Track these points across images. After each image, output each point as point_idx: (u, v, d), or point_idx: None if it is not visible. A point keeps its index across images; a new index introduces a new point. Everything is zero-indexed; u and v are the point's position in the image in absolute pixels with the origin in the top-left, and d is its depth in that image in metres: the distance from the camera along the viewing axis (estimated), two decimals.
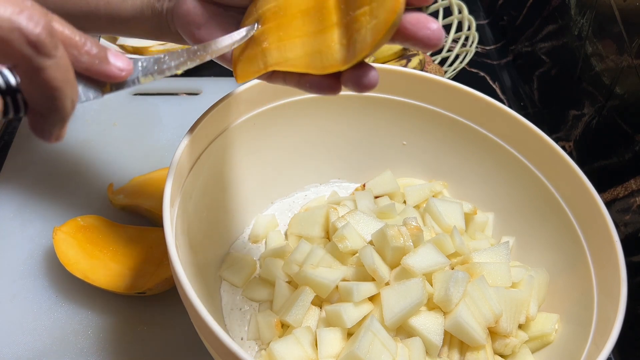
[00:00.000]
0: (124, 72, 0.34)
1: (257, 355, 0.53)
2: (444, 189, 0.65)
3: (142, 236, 0.62)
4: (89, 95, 0.34)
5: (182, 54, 0.37)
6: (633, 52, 0.61)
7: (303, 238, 0.57)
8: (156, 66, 0.36)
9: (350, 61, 0.36)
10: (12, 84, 0.29)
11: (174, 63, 0.37)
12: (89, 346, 0.56)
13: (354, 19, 0.36)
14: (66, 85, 0.29)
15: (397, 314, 0.48)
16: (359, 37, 0.35)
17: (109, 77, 0.33)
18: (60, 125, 0.31)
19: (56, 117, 0.30)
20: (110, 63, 0.33)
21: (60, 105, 0.30)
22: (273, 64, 0.41)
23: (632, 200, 0.61)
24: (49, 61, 0.28)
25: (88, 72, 0.33)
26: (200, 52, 0.38)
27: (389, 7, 0.34)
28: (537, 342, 0.53)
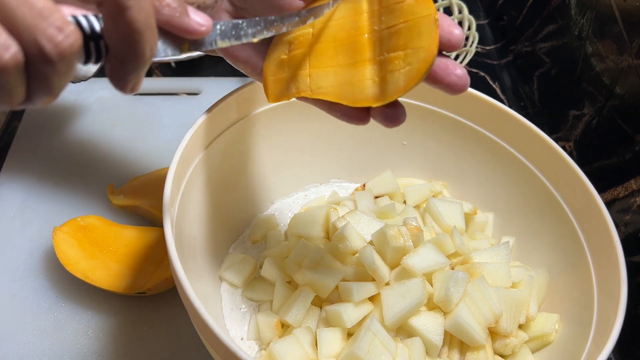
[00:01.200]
0: (203, 27, 0.34)
1: (257, 355, 0.53)
2: (444, 189, 0.65)
3: (142, 236, 0.62)
4: (168, 51, 0.34)
5: (259, 22, 0.37)
6: (633, 52, 0.61)
7: (303, 238, 0.57)
8: (234, 31, 0.36)
9: (382, 100, 0.38)
10: (96, 30, 0.29)
11: (250, 30, 0.37)
12: (89, 346, 0.56)
13: (387, 59, 0.38)
14: (147, 29, 0.29)
15: (397, 314, 0.48)
16: (392, 79, 0.38)
17: (188, 31, 0.33)
18: (137, 73, 0.31)
19: (134, 63, 0.30)
20: (191, 17, 0.33)
21: (139, 51, 0.29)
22: (306, 90, 0.42)
23: (632, 200, 0.61)
24: (132, 1, 0.28)
25: (169, 25, 0.33)
26: (276, 22, 0.38)
27: (423, 56, 0.36)
28: (537, 342, 0.53)
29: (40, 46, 0.25)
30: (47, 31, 0.25)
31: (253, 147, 0.59)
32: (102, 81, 0.63)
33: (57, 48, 0.25)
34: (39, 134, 0.75)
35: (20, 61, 0.25)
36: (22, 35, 0.25)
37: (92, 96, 0.80)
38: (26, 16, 0.24)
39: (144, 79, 0.32)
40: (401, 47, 0.37)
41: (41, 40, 0.25)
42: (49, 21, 0.25)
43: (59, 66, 0.26)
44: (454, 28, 0.37)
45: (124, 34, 0.28)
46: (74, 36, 0.26)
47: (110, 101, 0.80)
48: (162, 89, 0.83)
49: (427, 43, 0.36)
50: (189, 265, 0.48)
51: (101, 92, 0.81)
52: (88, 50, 0.29)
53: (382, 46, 0.39)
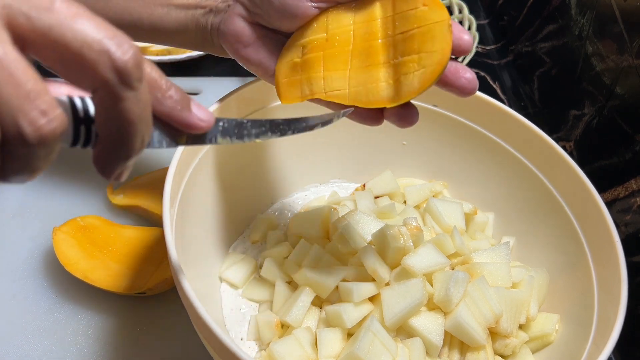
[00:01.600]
0: (204, 123, 0.33)
1: (257, 355, 0.53)
2: (444, 189, 0.65)
3: (142, 236, 0.62)
4: (163, 143, 0.32)
5: (265, 124, 0.36)
6: (633, 52, 0.61)
7: (303, 238, 0.56)
8: (237, 130, 0.35)
9: (396, 101, 0.40)
10: (90, 114, 0.28)
11: (254, 131, 0.35)
12: (89, 346, 0.56)
13: (401, 63, 0.39)
14: (141, 121, 0.28)
15: (397, 314, 0.48)
16: (406, 81, 0.39)
17: (188, 126, 0.32)
18: (124, 163, 0.29)
19: (123, 154, 0.28)
20: (192, 112, 0.32)
21: (130, 142, 0.28)
22: (319, 92, 0.43)
23: (633, 200, 0.61)
24: (129, 92, 0.26)
25: (168, 117, 0.32)
26: (283, 126, 0.37)
27: (436, 59, 0.38)
28: (537, 343, 0.53)
29: (20, 128, 0.24)
30: (29, 114, 0.24)
31: (253, 147, 0.59)
32: None
33: (37, 132, 0.24)
34: None
35: None
36: (3, 115, 0.23)
37: None
38: (11, 96, 0.23)
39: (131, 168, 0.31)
40: (415, 51, 0.39)
41: (22, 122, 0.23)
42: (35, 104, 0.24)
43: (39, 150, 0.25)
44: (464, 34, 0.39)
45: (116, 124, 0.27)
46: (58, 121, 0.24)
47: None
48: None
49: (440, 47, 0.38)
50: (189, 265, 0.48)
51: None
52: (77, 133, 0.28)
53: (395, 50, 0.40)
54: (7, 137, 0.24)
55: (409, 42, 0.39)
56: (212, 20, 0.45)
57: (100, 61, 0.25)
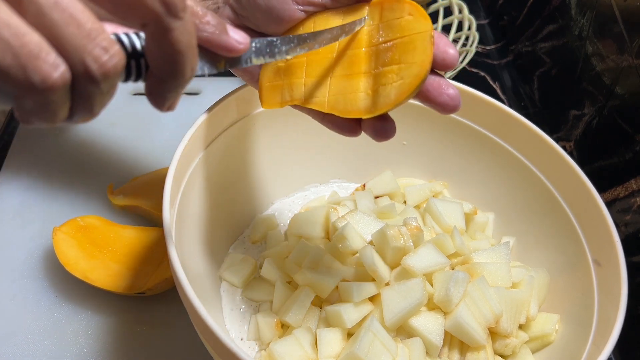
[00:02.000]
0: (242, 45, 0.34)
1: (257, 355, 0.53)
2: (444, 189, 0.65)
3: (142, 236, 0.62)
4: (204, 69, 0.34)
5: (293, 40, 0.37)
6: (633, 52, 0.61)
7: (303, 238, 0.56)
8: (268, 48, 0.36)
9: (371, 112, 0.39)
10: (137, 48, 0.29)
11: (284, 47, 0.37)
12: (89, 346, 0.56)
13: (381, 73, 0.39)
14: (189, 50, 0.29)
15: (398, 314, 0.48)
16: (384, 92, 0.38)
17: (227, 49, 0.34)
18: (176, 92, 0.31)
19: (175, 82, 0.30)
20: (230, 35, 0.34)
21: (180, 71, 0.29)
22: (299, 98, 0.42)
23: (633, 201, 0.61)
24: (177, 22, 0.28)
25: (208, 42, 0.33)
26: (309, 40, 0.38)
27: (415, 71, 0.37)
28: (537, 343, 0.53)
29: (87, 66, 0.25)
30: (93, 51, 0.25)
31: (253, 147, 0.59)
32: None
33: (102, 68, 0.26)
34: (39, 134, 0.75)
35: (68, 80, 0.25)
36: (70, 54, 0.25)
37: None
38: (75, 36, 0.25)
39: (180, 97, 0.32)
40: (395, 62, 0.38)
41: (87, 60, 0.25)
42: (96, 42, 0.25)
43: (103, 85, 0.26)
44: (449, 48, 0.38)
45: (167, 54, 0.28)
46: (118, 56, 0.26)
47: None
48: None
49: (420, 58, 0.37)
50: (189, 265, 0.48)
51: None
52: (129, 68, 0.29)
53: (377, 60, 0.39)
54: (76, 75, 0.25)
55: (390, 52, 0.38)
56: None
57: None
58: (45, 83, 0.24)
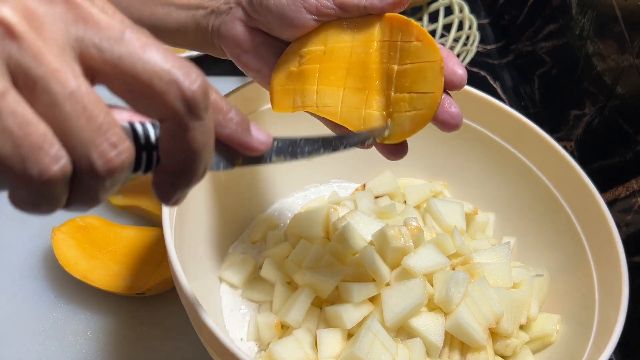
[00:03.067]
0: (263, 145, 0.33)
1: (257, 356, 0.53)
2: (445, 189, 0.65)
3: (142, 236, 0.62)
4: (220, 165, 0.32)
5: (317, 141, 0.36)
6: (634, 51, 0.61)
7: (303, 238, 0.56)
8: (290, 148, 0.35)
9: (387, 140, 0.40)
10: (152, 140, 0.27)
11: (307, 149, 0.36)
12: (88, 347, 0.56)
13: (394, 98, 0.39)
14: (205, 150, 0.27)
15: (398, 315, 0.48)
16: (399, 122, 0.39)
17: (248, 149, 0.32)
18: (185, 189, 0.29)
19: (184, 180, 0.28)
20: (253, 135, 0.32)
21: (193, 169, 0.28)
22: (311, 105, 0.43)
23: (634, 201, 0.61)
24: (197, 122, 0.26)
25: (229, 140, 0.31)
26: (335, 142, 0.37)
27: (427, 104, 0.38)
28: (538, 343, 0.53)
29: (92, 161, 0.24)
30: (101, 147, 0.24)
31: None
32: None
33: (107, 164, 0.24)
34: None
35: (68, 173, 0.24)
36: (75, 148, 0.23)
37: None
38: (84, 129, 0.23)
39: None
40: (407, 89, 0.39)
41: (93, 155, 0.24)
42: (106, 136, 0.24)
43: (107, 182, 0.25)
44: (458, 68, 0.38)
45: (181, 152, 0.27)
46: (127, 153, 0.24)
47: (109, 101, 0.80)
48: None
49: (431, 89, 0.38)
50: (189, 265, 0.48)
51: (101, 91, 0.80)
52: (139, 160, 0.27)
53: (389, 81, 0.40)
54: (78, 169, 0.24)
55: (402, 77, 0.39)
56: (212, 22, 0.45)
57: (169, 91, 0.25)
58: (43, 176, 0.23)
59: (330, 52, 0.42)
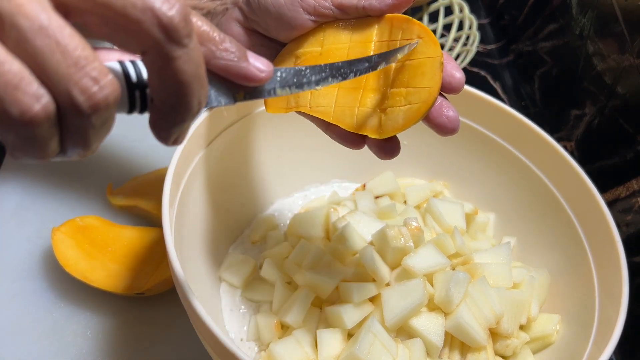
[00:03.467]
0: (263, 73, 0.31)
1: (257, 356, 0.52)
2: (445, 189, 0.65)
3: (142, 236, 0.62)
4: (220, 100, 0.31)
5: (325, 69, 0.34)
6: (635, 51, 0.61)
7: (303, 238, 0.56)
8: (295, 78, 0.33)
9: (379, 134, 0.39)
10: (144, 78, 0.26)
11: (314, 78, 0.34)
12: (88, 347, 0.56)
13: (390, 94, 0.39)
14: (195, 80, 0.26)
15: (398, 315, 0.48)
16: (392, 115, 0.38)
17: (247, 78, 0.30)
18: (182, 126, 0.28)
19: (178, 117, 0.27)
20: (250, 62, 0.30)
21: (185, 104, 0.27)
22: (305, 105, 0.42)
23: (634, 201, 0.61)
24: (179, 50, 0.25)
25: (225, 71, 0.30)
26: (344, 69, 0.35)
27: (424, 97, 0.37)
28: (538, 343, 0.53)
29: (73, 98, 0.23)
30: (80, 82, 0.23)
31: (253, 146, 0.59)
32: None
33: (90, 100, 0.23)
34: None
35: (52, 113, 0.23)
36: (54, 85, 0.23)
37: None
38: (60, 64, 0.22)
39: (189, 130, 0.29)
40: (404, 84, 0.38)
41: (74, 91, 0.23)
42: (85, 71, 0.23)
43: (93, 119, 0.24)
44: (456, 71, 0.38)
45: (169, 86, 0.26)
46: (111, 88, 0.24)
47: None
48: None
49: (429, 84, 0.37)
50: (189, 265, 0.48)
51: None
52: (133, 99, 0.26)
53: (385, 78, 0.39)
54: (62, 108, 0.23)
55: (399, 73, 0.39)
56: None
57: (144, 19, 0.24)
58: (24, 116, 0.22)
59: (326, 53, 0.42)
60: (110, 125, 0.25)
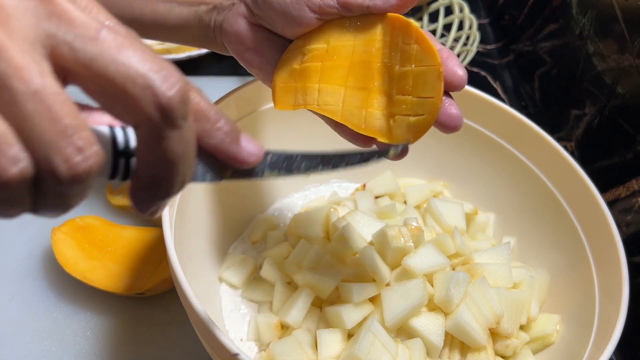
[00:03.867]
0: (253, 157, 0.30)
1: (257, 356, 0.52)
2: (445, 189, 0.65)
3: (141, 236, 0.62)
4: (207, 176, 0.30)
5: (316, 157, 0.33)
6: (635, 51, 0.61)
7: (303, 238, 0.56)
8: (285, 163, 0.33)
9: (389, 140, 0.40)
10: (131, 147, 0.26)
11: (304, 164, 0.33)
12: (88, 347, 0.56)
13: (395, 100, 0.39)
14: (183, 160, 0.26)
15: (398, 315, 0.48)
16: (401, 124, 0.39)
17: (236, 160, 0.30)
18: (161, 201, 0.27)
19: (160, 191, 0.27)
20: (242, 145, 0.30)
21: (169, 181, 0.26)
22: (313, 104, 0.43)
23: (634, 201, 0.60)
24: (173, 131, 0.24)
25: (216, 150, 0.29)
26: (335, 160, 0.34)
27: (428, 109, 0.38)
28: (538, 343, 0.53)
29: (54, 166, 0.22)
30: (64, 150, 0.22)
31: None
32: None
33: (71, 170, 0.22)
34: None
35: (29, 177, 0.22)
36: (37, 150, 0.22)
37: None
38: (46, 131, 0.22)
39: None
40: (408, 92, 0.39)
41: (56, 159, 0.22)
42: (71, 140, 0.22)
43: (71, 187, 0.23)
44: (458, 69, 0.38)
45: (156, 161, 0.25)
46: (95, 159, 0.23)
47: None
48: None
49: (431, 94, 0.38)
50: (189, 265, 0.48)
51: None
52: (116, 166, 0.26)
53: (391, 81, 0.40)
54: (40, 173, 0.22)
55: (403, 79, 0.39)
56: (215, 18, 0.45)
57: (143, 97, 0.23)
58: (0, 178, 0.21)
59: (332, 50, 0.42)
60: (87, 192, 0.24)
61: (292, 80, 0.44)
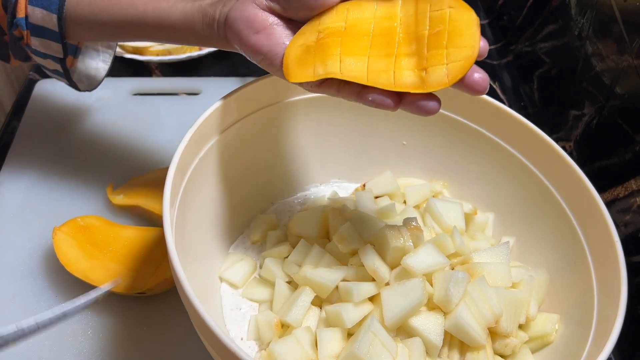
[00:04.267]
0: None
1: (257, 355, 0.53)
2: (444, 189, 0.65)
3: (142, 236, 0.62)
4: None
5: None
6: (633, 52, 0.61)
7: (303, 238, 0.56)
8: None
9: (423, 89, 0.39)
10: None
11: None
12: (89, 346, 0.56)
13: (427, 56, 0.39)
14: None
15: (397, 314, 0.48)
16: (435, 72, 0.39)
17: None
18: None
19: None
20: None
21: None
22: (335, 72, 0.41)
23: (632, 201, 0.61)
24: None
25: None
26: None
27: (466, 54, 0.38)
28: (537, 343, 0.53)
29: None
30: None
31: (253, 147, 0.59)
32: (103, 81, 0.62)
33: None
34: (39, 134, 0.75)
35: None
36: None
37: (92, 96, 0.80)
38: None
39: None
40: (443, 46, 0.39)
41: None
42: None
43: None
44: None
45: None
46: None
47: (110, 101, 0.80)
48: (162, 89, 0.83)
49: (470, 42, 0.38)
50: (189, 265, 0.48)
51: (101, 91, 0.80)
52: None
53: (419, 44, 0.40)
54: None
55: (435, 38, 0.39)
56: (220, 9, 0.45)
57: None
58: None
59: (350, 27, 0.42)
60: None
61: (308, 55, 0.42)
